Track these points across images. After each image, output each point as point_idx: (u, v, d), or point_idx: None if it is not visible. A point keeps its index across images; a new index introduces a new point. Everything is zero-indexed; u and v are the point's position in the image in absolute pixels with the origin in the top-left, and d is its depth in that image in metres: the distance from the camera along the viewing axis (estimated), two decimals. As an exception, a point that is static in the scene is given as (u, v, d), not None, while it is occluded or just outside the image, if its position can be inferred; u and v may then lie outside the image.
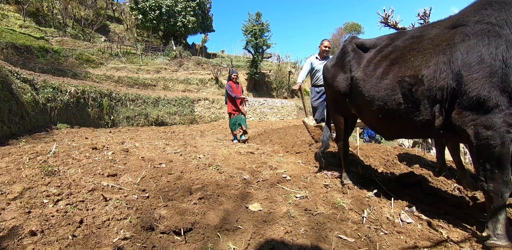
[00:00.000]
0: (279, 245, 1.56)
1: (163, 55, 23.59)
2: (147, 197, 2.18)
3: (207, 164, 3.10)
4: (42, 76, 9.40)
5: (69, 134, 6.79)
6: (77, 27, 22.34)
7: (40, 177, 2.37)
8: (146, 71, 19.92)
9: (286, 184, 2.68)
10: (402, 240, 1.78)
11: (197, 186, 2.40)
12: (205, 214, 1.90)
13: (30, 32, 16.88)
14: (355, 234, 1.78)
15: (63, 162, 2.92)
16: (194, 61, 24.65)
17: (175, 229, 1.66)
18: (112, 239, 1.55)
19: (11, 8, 18.59)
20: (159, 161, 3.14)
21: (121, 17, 28.33)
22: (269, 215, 1.93)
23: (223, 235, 1.67)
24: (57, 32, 19.64)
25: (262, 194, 2.35)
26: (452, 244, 1.77)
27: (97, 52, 19.37)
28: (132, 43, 24.76)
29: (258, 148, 4.54)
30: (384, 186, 2.87)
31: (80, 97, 9.99)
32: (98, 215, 1.79)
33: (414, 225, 1.99)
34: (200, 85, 20.40)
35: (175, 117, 14.10)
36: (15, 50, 13.86)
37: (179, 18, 26.02)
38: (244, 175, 2.82)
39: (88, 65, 17.58)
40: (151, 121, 12.80)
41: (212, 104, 16.51)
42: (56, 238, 1.49)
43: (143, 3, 24.44)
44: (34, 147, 3.99)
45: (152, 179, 2.58)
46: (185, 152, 3.80)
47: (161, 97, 14.20)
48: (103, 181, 2.42)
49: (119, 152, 3.51)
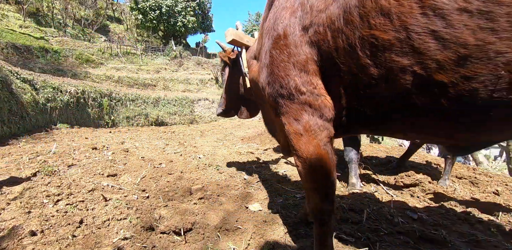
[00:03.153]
0: (279, 245, 1.56)
1: (163, 55, 23.58)
2: (147, 197, 2.18)
3: (207, 164, 3.10)
4: (42, 76, 9.39)
5: (69, 134, 6.79)
6: (77, 27, 22.33)
7: (40, 177, 2.37)
8: (146, 71, 19.91)
9: (287, 184, 2.68)
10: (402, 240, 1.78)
11: (197, 186, 2.40)
12: (205, 214, 1.90)
13: (30, 32, 16.87)
14: (355, 234, 1.78)
15: (63, 162, 2.92)
16: (194, 61, 24.64)
17: (175, 229, 1.66)
18: (112, 239, 1.55)
19: (11, 8, 18.58)
20: (159, 161, 3.13)
21: (121, 17, 28.32)
22: (269, 215, 1.93)
23: (223, 235, 1.67)
24: (57, 32, 19.63)
25: (262, 194, 2.35)
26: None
27: (97, 52, 19.36)
28: (132, 43, 24.75)
29: (258, 148, 4.54)
30: (384, 186, 2.87)
31: (80, 97, 9.98)
32: (98, 215, 1.79)
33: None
34: (200, 85, 20.39)
35: (175, 117, 14.09)
36: (15, 50, 13.85)
37: (179, 18, 26.02)
38: (244, 175, 2.82)
39: (88, 65, 17.56)
40: (151, 121, 12.79)
41: (212, 104, 16.49)
42: (56, 238, 1.49)
43: (143, 3, 24.43)
44: (34, 147, 3.99)
45: (152, 179, 2.58)
46: (185, 152, 3.80)
47: (161, 97, 14.19)
48: (103, 181, 2.42)
49: (119, 152, 3.51)
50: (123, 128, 9.64)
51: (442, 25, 0.78)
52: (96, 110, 10.64)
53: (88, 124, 9.74)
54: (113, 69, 18.51)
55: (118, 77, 16.83)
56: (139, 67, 20.11)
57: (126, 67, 19.28)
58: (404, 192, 2.85)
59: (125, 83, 16.75)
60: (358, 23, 0.92)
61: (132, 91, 13.74)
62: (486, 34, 0.73)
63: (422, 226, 1.99)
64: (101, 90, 11.25)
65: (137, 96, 13.03)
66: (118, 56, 20.54)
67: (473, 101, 0.81)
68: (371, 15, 0.88)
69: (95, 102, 10.71)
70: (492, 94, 0.78)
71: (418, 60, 0.84)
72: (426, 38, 0.81)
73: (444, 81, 0.82)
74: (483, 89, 0.79)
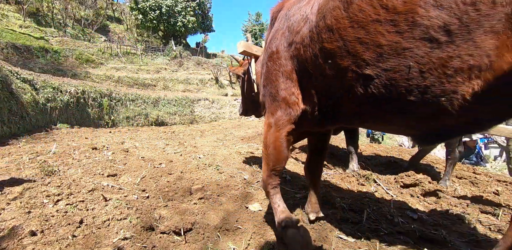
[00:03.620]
0: (279, 245, 1.56)
1: (163, 55, 23.57)
2: (147, 197, 2.18)
3: (207, 164, 3.10)
4: (42, 76, 9.39)
5: (69, 134, 6.79)
6: (77, 27, 22.33)
7: (40, 177, 2.37)
8: (146, 71, 19.91)
9: (287, 184, 2.68)
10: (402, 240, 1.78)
11: (197, 186, 2.40)
12: (205, 214, 1.90)
13: (30, 32, 16.87)
14: (355, 234, 1.78)
15: (63, 162, 2.92)
16: (194, 61, 24.63)
17: (175, 229, 1.66)
18: (112, 239, 1.55)
19: (11, 8, 18.58)
20: (159, 161, 3.14)
21: (121, 17, 28.31)
22: (269, 215, 1.93)
23: (223, 235, 1.67)
24: (57, 32, 19.63)
25: (262, 194, 2.35)
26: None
27: (97, 52, 19.35)
28: (132, 43, 24.75)
29: (258, 148, 4.54)
30: (384, 186, 2.87)
31: (80, 97, 9.98)
32: (98, 215, 1.79)
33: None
34: (200, 85, 20.38)
35: (175, 117, 14.10)
36: (15, 50, 13.85)
37: (179, 18, 26.03)
38: (244, 175, 2.82)
39: (88, 65, 17.56)
40: (151, 121, 12.80)
41: (212, 104, 16.50)
42: (56, 238, 1.49)
43: (143, 3, 24.44)
44: (34, 147, 3.99)
45: (152, 179, 2.58)
46: (185, 152, 3.80)
47: (161, 97, 14.20)
48: (103, 181, 2.42)
49: (119, 152, 3.51)
50: (123, 128, 9.64)
51: (363, 33, 1.03)
52: (96, 110, 10.64)
53: (88, 124, 9.74)
54: (113, 69, 18.50)
55: (118, 77, 16.83)
56: (139, 67, 20.10)
57: (126, 67, 19.27)
58: (404, 192, 2.85)
59: (125, 83, 16.75)
60: (316, 38, 1.21)
61: (132, 91, 13.74)
62: (393, 35, 0.97)
63: (422, 226, 1.99)
64: (101, 90, 11.25)
65: (137, 96, 13.03)
66: (118, 56, 20.53)
67: (396, 88, 1.03)
68: (323, 32, 1.17)
69: (95, 102, 10.71)
70: (408, 82, 1.00)
71: (353, 60, 1.09)
72: (355, 44, 1.07)
73: (371, 74, 1.06)
74: (399, 78, 1.01)
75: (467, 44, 0.86)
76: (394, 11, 0.95)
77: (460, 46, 0.88)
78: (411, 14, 0.92)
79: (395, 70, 1.01)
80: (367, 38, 1.03)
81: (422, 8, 0.90)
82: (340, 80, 1.19)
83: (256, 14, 27.23)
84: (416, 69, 0.96)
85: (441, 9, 0.88)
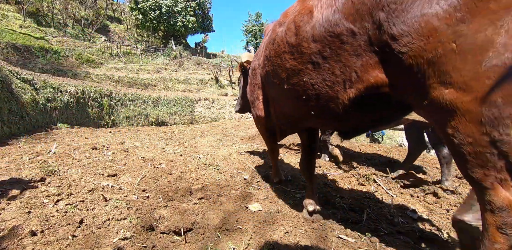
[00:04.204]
0: (279, 245, 1.56)
1: (163, 55, 23.58)
2: (147, 197, 2.18)
3: (207, 164, 3.10)
4: (42, 76, 9.39)
5: (69, 134, 6.78)
6: (77, 27, 22.34)
7: (40, 177, 2.37)
8: (146, 71, 19.91)
9: (287, 184, 2.68)
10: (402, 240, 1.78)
11: (197, 186, 2.40)
12: (205, 214, 1.90)
13: (30, 32, 16.87)
14: (355, 234, 1.78)
15: (63, 162, 2.92)
16: (194, 61, 24.63)
17: (175, 229, 1.66)
18: (112, 239, 1.55)
19: (11, 8, 18.58)
20: (159, 161, 3.14)
21: (121, 17, 28.32)
22: (269, 215, 1.93)
23: (223, 235, 1.67)
24: (57, 32, 19.63)
25: (262, 194, 2.35)
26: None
27: (97, 52, 19.36)
28: (132, 43, 24.75)
29: (258, 148, 4.54)
30: (384, 186, 2.87)
31: (80, 97, 9.98)
32: (98, 215, 1.79)
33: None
34: (200, 85, 20.38)
35: (175, 117, 14.09)
36: (15, 50, 13.85)
37: (179, 18, 26.04)
38: (244, 175, 2.82)
39: (88, 65, 17.56)
40: (151, 121, 12.79)
41: (212, 104, 16.49)
42: (56, 238, 1.49)
43: (143, 3, 24.44)
44: (34, 147, 3.99)
45: (152, 179, 2.58)
46: (185, 152, 3.80)
47: (161, 97, 14.18)
48: (103, 181, 2.42)
49: (119, 152, 3.51)
50: (123, 128, 9.64)
51: (279, 60, 1.52)
52: (96, 110, 10.64)
53: (88, 124, 9.74)
54: (113, 69, 18.51)
55: (118, 77, 16.83)
56: (139, 67, 20.10)
57: (126, 67, 19.27)
58: (404, 192, 2.85)
59: (125, 83, 16.75)
60: (273, 59, 1.61)
61: (132, 91, 13.74)
62: (292, 61, 1.41)
63: (422, 226, 1.99)
64: (101, 90, 11.25)
65: (137, 96, 13.02)
66: (118, 56, 20.54)
67: (302, 97, 1.44)
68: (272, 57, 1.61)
69: (95, 102, 10.71)
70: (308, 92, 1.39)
71: (278, 79, 1.62)
72: (277, 67, 1.58)
73: (286, 87, 1.55)
74: (301, 90, 1.42)
75: (338, 64, 1.18)
76: (291, 45, 1.38)
77: (333, 66, 1.20)
78: (300, 46, 1.32)
79: (298, 84, 1.43)
80: (282, 63, 1.50)
81: (305, 42, 1.28)
82: (276, 91, 1.78)
83: (256, 14, 27.25)
84: (309, 83, 1.35)
85: (316, 42, 1.23)
